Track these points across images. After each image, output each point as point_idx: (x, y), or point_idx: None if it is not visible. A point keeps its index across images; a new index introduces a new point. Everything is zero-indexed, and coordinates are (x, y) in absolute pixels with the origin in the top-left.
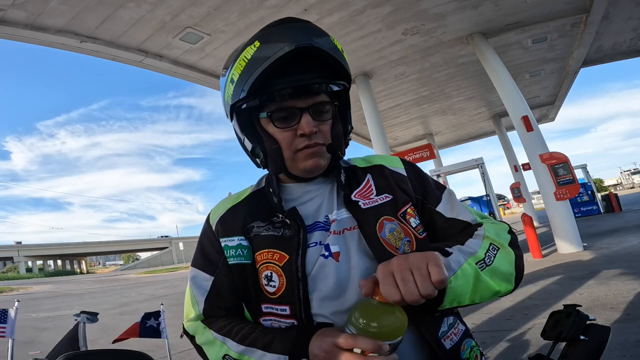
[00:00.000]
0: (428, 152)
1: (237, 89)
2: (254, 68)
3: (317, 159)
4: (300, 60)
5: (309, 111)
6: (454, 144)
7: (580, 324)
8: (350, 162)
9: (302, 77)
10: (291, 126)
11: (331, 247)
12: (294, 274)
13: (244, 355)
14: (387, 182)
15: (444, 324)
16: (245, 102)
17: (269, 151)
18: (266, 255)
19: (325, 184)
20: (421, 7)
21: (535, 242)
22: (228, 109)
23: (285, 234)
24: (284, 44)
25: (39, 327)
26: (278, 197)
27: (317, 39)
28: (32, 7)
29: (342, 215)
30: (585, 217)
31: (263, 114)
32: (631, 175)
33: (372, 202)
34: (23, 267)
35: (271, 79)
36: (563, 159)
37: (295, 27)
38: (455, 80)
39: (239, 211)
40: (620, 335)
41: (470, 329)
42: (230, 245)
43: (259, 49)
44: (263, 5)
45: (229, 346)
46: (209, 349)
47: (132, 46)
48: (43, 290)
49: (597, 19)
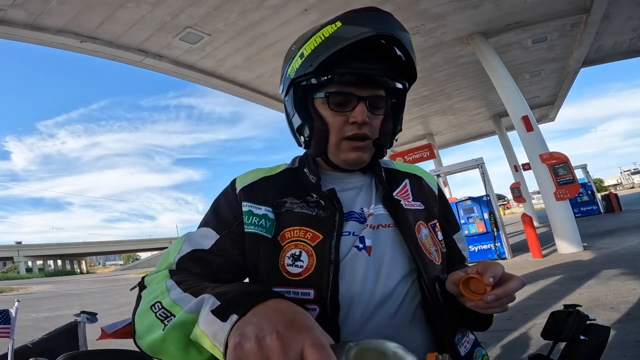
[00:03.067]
0: (428, 152)
1: (305, 62)
2: (330, 46)
3: (361, 153)
4: (372, 51)
5: (365, 101)
6: (454, 144)
7: (580, 324)
8: (389, 164)
9: (371, 66)
10: (345, 112)
11: (366, 240)
12: (327, 255)
13: (175, 304)
14: (423, 193)
15: (458, 333)
16: (309, 78)
17: (316, 131)
18: (297, 233)
19: (364, 177)
20: (421, 7)
21: (535, 242)
22: (287, 83)
23: (319, 214)
24: (366, 28)
25: (39, 327)
26: (317, 176)
27: (400, 32)
28: (32, 7)
29: (379, 211)
30: (585, 217)
31: (320, 94)
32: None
33: (410, 205)
34: (23, 267)
35: (339, 61)
36: (563, 159)
37: (379, 16)
38: (455, 80)
39: (271, 183)
40: (620, 335)
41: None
42: (255, 213)
43: (340, 29)
44: (263, 5)
45: (169, 294)
46: (146, 296)
47: (132, 46)
48: (43, 290)
49: (597, 19)
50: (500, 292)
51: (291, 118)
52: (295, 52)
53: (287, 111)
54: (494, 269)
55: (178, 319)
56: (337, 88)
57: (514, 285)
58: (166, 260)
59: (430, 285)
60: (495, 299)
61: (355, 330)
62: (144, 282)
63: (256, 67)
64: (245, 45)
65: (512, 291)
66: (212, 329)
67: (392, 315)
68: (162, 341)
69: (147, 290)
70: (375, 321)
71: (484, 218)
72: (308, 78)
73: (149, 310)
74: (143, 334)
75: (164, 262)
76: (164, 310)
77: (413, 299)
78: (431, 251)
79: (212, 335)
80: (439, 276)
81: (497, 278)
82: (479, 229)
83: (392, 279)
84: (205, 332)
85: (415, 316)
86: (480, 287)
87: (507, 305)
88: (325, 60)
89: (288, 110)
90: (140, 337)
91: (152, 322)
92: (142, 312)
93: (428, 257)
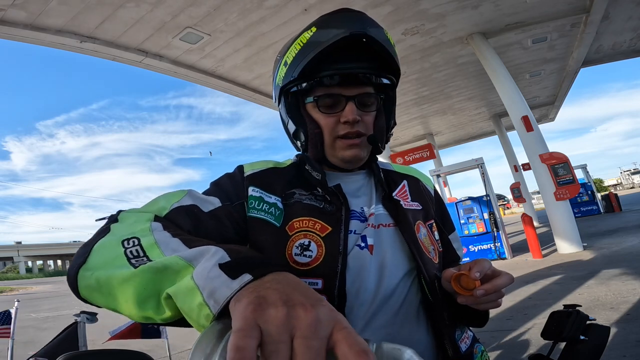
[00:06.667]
0: (428, 152)
1: (289, 71)
2: (308, 51)
3: (357, 150)
4: (353, 50)
5: (354, 100)
6: (454, 144)
7: (580, 324)
8: (388, 166)
9: (352, 65)
10: (335, 112)
11: (368, 239)
12: (336, 246)
13: (157, 246)
14: (420, 194)
15: (457, 329)
16: (295, 85)
17: (311, 135)
18: (306, 223)
19: (363, 178)
20: (421, 7)
21: (535, 242)
22: (277, 92)
23: (326, 208)
24: (340, 30)
25: (39, 327)
26: (321, 173)
27: (372, 29)
28: (32, 7)
29: (380, 210)
30: (585, 217)
31: (309, 99)
32: (631, 175)
33: (409, 205)
34: (23, 267)
35: (322, 65)
36: (563, 159)
37: (351, 16)
38: (455, 80)
39: (280, 174)
40: (620, 335)
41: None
42: (266, 200)
43: (315, 34)
44: (263, 5)
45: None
46: (118, 230)
47: (132, 46)
48: (43, 290)
49: (597, 19)
50: (488, 287)
51: (287, 124)
52: (280, 61)
53: (282, 118)
54: (480, 264)
55: (162, 262)
56: (325, 91)
57: (502, 281)
58: (155, 204)
59: (431, 283)
60: (484, 294)
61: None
62: (118, 216)
63: (256, 67)
64: (245, 45)
65: (500, 286)
66: (212, 284)
67: (395, 312)
68: (122, 281)
69: (121, 224)
70: (380, 317)
71: (484, 218)
72: (295, 85)
73: (118, 244)
74: (97, 265)
75: (152, 205)
76: (139, 249)
77: (415, 296)
78: (430, 250)
79: (210, 291)
80: (437, 274)
81: (484, 273)
82: (479, 229)
83: (394, 277)
84: (200, 286)
85: (417, 313)
86: (470, 283)
87: (498, 301)
88: (308, 65)
89: (283, 118)
90: (88, 269)
91: (117, 257)
92: (108, 244)
93: (427, 256)
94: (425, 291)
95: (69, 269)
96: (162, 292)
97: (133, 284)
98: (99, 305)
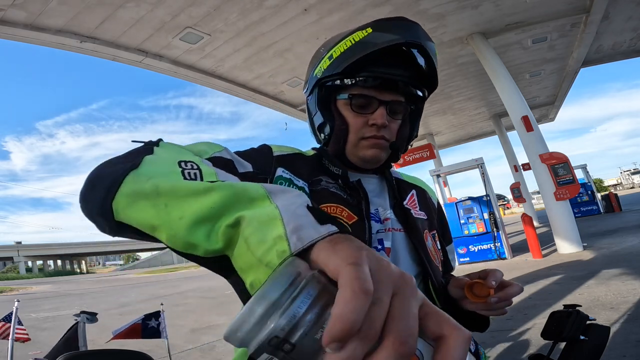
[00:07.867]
0: (428, 152)
1: (334, 64)
2: (359, 50)
3: (379, 151)
4: (398, 58)
5: (386, 105)
6: (454, 144)
7: (580, 324)
8: (397, 174)
9: (396, 72)
10: (365, 114)
11: (384, 242)
12: (362, 235)
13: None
14: (426, 205)
15: None
16: (333, 79)
17: (336, 130)
18: (334, 210)
19: (378, 181)
20: (421, 7)
21: (535, 242)
22: (312, 82)
23: (348, 199)
24: (395, 36)
25: (39, 327)
26: (342, 167)
27: (426, 41)
28: (32, 7)
29: (391, 216)
30: (585, 217)
31: (343, 95)
32: (631, 175)
33: (418, 214)
34: (23, 267)
35: (366, 66)
36: (563, 159)
37: (409, 25)
38: (455, 80)
39: (306, 162)
40: (620, 335)
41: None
42: (295, 183)
43: (370, 35)
44: (263, 5)
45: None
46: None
47: (132, 46)
48: (43, 290)
49: (597, 19)
50: (502, 295)
51: (313, 116)
52: (324, 54)
53: (310, 109)
54: (495, 274)
55: (243, 184)
56: (360, 91)
57: (514, 290)
58: (196, 147)
59: (439, 288)
60: (498, 301)
61: None
62: (159, 142)
63: (256, 67)
64: (245, 45)
65: (512, 295)
66: (299, 221)
67: None
68: (190, 193)
69: (166, 150)
70: None
71: (484, 218)
72: (334, 79)
73: (174, 162)
74: (156, 174)
75: (193, 147)
76: (198, 173)
77: None
78: (436, 258)
79: (295, 226)
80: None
81: (499, 282)
82: (479, 229)
83: None
84: (285, 219)
85: None
86: (483, 290)
87: (505, 309)
88: (352, 63)
89: (310, 109)
90: (142, 174)
91: (175, 173)
92: (161, 160)
93: (435, 263)
94: (433, 296)
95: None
96: (226, 217)
97: (203, 199)
98: (127, 222)
